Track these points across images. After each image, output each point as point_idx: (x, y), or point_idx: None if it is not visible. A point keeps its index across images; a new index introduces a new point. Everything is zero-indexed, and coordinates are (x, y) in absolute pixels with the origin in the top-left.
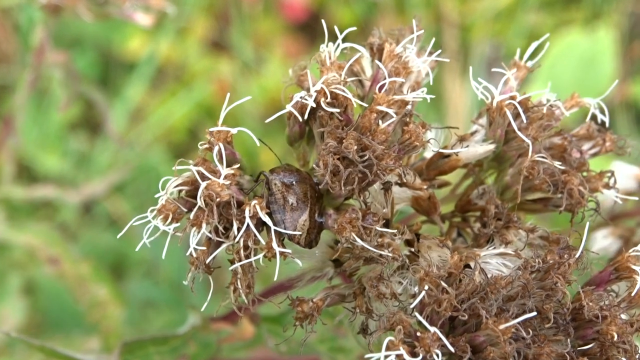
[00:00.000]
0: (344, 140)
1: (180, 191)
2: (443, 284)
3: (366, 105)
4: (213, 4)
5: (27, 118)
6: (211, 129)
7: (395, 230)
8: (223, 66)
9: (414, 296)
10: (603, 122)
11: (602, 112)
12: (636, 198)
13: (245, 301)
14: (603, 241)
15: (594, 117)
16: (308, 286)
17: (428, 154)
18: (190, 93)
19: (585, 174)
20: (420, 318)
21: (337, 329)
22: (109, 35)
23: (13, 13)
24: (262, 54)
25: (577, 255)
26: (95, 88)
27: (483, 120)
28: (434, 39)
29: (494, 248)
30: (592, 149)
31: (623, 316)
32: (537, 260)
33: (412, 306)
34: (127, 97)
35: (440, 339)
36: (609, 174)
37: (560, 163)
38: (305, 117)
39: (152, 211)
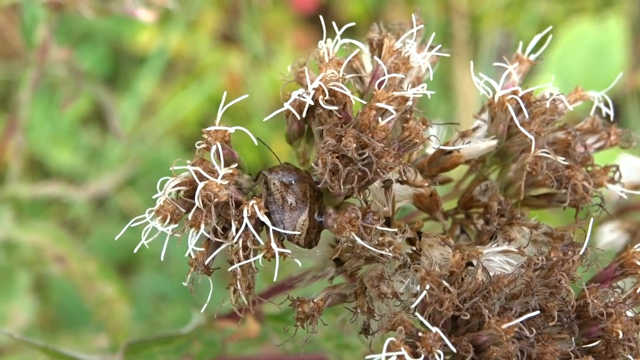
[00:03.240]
0: (342, 139)
1: (178, 191)
2: (445, 283)
3: (366, 102)
4: None
5: (38, 113)
6: (208, 129)
7: (396, 229)
8: (233, 59)
9: (417, 295)
10: (608, 115)
11: (607, 105)
12: None
13: (245, 302)
14: (610, 235)
15: (599, 110)
16: (309, 285)
17: (430, 151)
18: (201, 86)
19: (589, 168)
20: (421, 318)
21: (343, 326)
22: (119, 29)
23: (20, 10)
24: (273, 47)
25: (581, 252)
26: (100, 85)
27: (485, 116)
28: (434, 34)
29: (497, 245)
30: (596, 143)
31: (629, 313)
32: (540, 258)
33: (413, 306)
34: (138, 91)
35: (442, 339)
36: (614, 169)
37: (564, 158)
38: (304, 115)
39: (150, 212)
